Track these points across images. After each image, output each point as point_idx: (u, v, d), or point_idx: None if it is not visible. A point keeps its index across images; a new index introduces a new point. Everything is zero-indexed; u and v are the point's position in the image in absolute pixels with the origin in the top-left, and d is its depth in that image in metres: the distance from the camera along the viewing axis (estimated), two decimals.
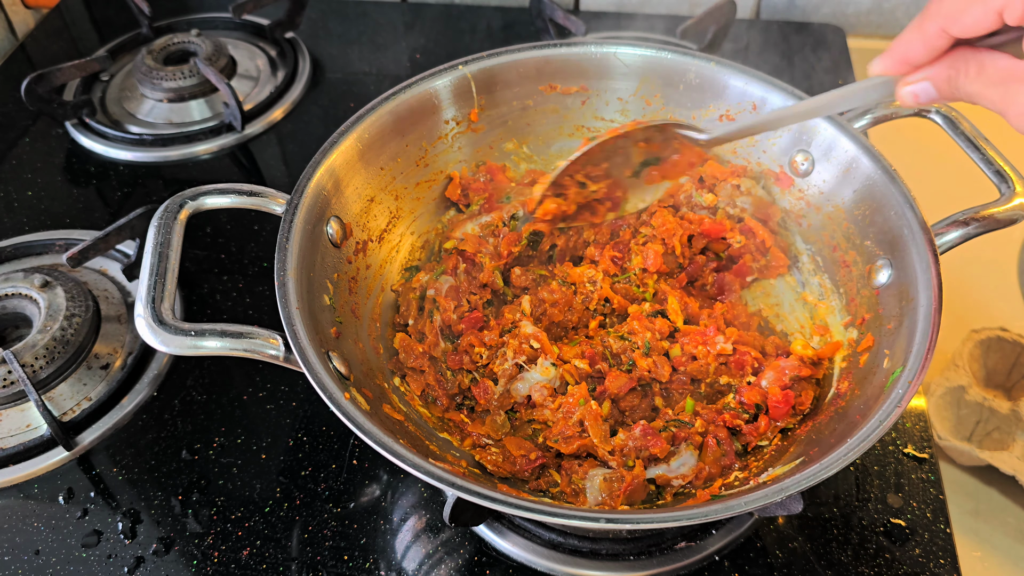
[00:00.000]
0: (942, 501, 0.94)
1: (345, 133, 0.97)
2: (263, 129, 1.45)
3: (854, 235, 0.97)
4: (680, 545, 0.91)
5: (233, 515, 0.95)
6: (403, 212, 1.06)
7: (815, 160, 1.02)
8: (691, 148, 0.92)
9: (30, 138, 1.45)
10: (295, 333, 0.78)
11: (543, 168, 1.15)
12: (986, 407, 1.09)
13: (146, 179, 1.38)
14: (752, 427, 0.89)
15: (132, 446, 1.02)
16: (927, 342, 0.78)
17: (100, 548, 0.93)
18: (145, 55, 1.50)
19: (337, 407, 0.74)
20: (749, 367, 0.93)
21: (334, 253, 0.94)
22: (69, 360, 1.06)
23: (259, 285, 1.19)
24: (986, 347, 1.14)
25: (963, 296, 1.23)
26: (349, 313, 0.93)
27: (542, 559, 0.90)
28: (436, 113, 1.08)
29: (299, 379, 1.05)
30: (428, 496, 0.97)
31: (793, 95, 1.02)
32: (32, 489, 0.98)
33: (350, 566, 0.91)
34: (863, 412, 0.78)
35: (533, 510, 0.69)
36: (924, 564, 0.90)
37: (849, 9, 1.64)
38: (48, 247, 1.24)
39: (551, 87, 1.12)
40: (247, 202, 0.89)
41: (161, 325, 0.75)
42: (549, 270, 1.05)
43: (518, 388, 0.93)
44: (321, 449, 1.01)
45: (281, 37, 1.60)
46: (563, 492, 0.87)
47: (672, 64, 1.09)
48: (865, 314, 0.93)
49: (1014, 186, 0.89)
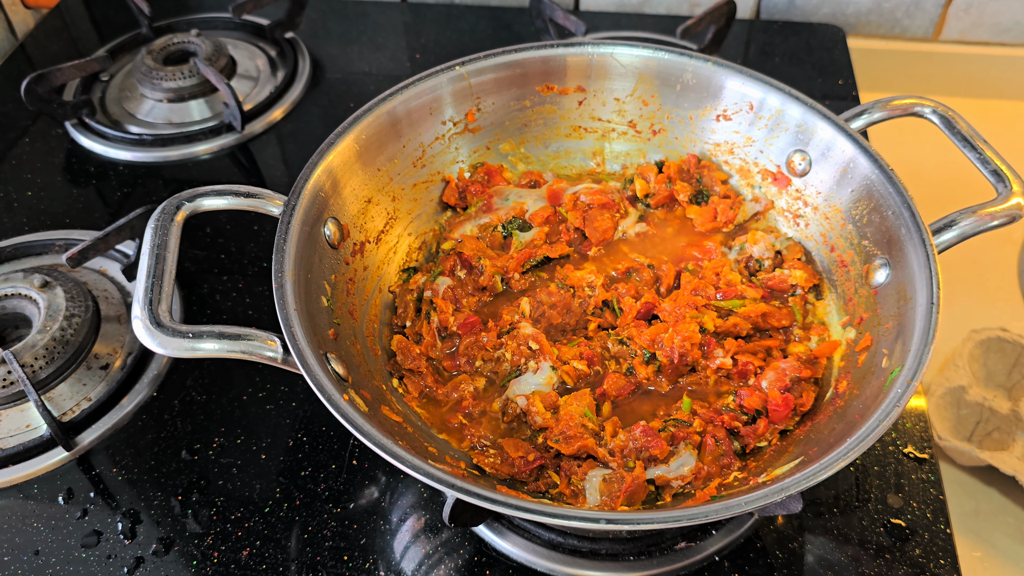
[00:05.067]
0: (942, 501, 0.94)
1: (342, 134, 0.97)
2: (263, 129, 1.45)
3: (852, 235, 0.97)
4: (680, 545, 0.91)
5: (233, 515, 0.95)
6: (400, 213, 1.06)
7: (813, 160, 1.02)
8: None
9: (30, 138, 1.45)
10: (293, 335, 0.78)
11: (540, 169, 1.16)
12: (986, 407, 1.09)
13: (146, 179, 1.38)
14: (751, 429, 0.89)
15: (132, 446, 1.02)
16: (926, 341, 0.78)
17: (100, 548, 0.93)
18: (145, 55, 1.50)
19: (336, 409, 0.74)
20: (751, 375, 0.93)
21: (332, 254, 0.94)
22: (69, 360, 1.06)
23: (259, 285, 1.19)
24: (986, 347, 1.14)
25: (963, 296, 1.24)
26: (347, 314, 0.93)
27: (542, 559, 0.90)
28: (434, 114, 1.08)
29: (299, 379, 1.05)
30: (427, 497, 0.97)
31: (791, 95, 1.02)
32: (32, 489, 0.98)
33: (350, 566, 0.91)
34: (862, 412, 0.78)
35: (533, 511, 0.69)
36: (924, 564, 0.89)
37: (849, 9, 1.64)
38: (48, 247, 1.24)
39: (548, 87, 1.12)
40: (244, 203, 0.89)
41: (158, 327, 0.75)
42: (548, 272, 1.05)
43: (518, 402, 0.92)
44: (321, 449, 1.01)
45: (281, 37, 1.60)
46: (562, 493, 0.87)
47: (669, 64, 1.09)
48: (863, 314, 0.93)
49: (1011, 185, 0.89)
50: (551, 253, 1.06)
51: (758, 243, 1.04)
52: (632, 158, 1.16)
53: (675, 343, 0.93)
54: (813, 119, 1.01)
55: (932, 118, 0.98)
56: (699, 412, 0.90)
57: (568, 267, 1.04)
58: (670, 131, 1.13)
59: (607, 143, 1.16)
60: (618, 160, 1.17)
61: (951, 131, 0.96)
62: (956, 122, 0.96)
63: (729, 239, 1.08)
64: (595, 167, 1.17)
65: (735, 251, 1.05)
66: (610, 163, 1.17)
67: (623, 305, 0.99)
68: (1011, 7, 1.58)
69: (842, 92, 1.50)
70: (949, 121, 0.96)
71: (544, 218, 1.09)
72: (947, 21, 1.62)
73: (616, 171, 1.17)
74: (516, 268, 1.04)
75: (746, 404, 0.90)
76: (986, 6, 1.59)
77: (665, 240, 1.10)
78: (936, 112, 0.98)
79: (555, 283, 1.02)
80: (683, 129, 1.13)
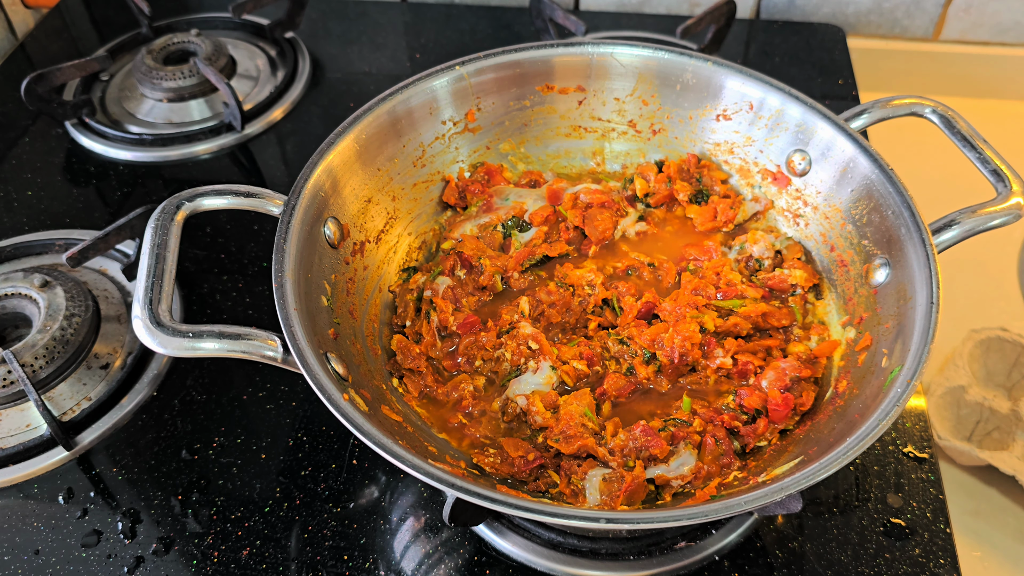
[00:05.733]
0: (942, 501, 0.94)
1: (342, 133, 0.97)
2: (263, 129, 1.45)
3: (851, 234, 0.97)
4: (680, 545, 0.91)
5: (233, 515, 0.95)
6: (400, 213, 1.06)
7: (812, 160, 1.02)
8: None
9: (30, 138, 1.45)
10: (293, 335, 0.78)
11: (540, 169, 1.16)
12: (986, 407, 1.09)
13: (146, 179, 1.38)
14: (750, 428, 0.89)
15: (132, 446, 1.02)
16: (925, 341, 0.78)
17: (100, 548, 0.93)
18: (145, 55, 1.50)
19: (336, 408, 0.74)
20: (751, 375, 0.93)
21: (332, 254, 0.94)
22: (69, 360, 1.06)
23: (259, 285, 1.19)
24: (986, 347, 1.14)
25: (963, 296, 1.24)
26: (347, 314, 0.93)
27: (542, 559, 0.90)
28: (434, 113, 1.08)
29: (299, 379, 1.04)
30: (427, 496, 0.97)
31: (791, 95, 1.02)
32: (32, 489, 0.98)
33: (350, 566, 0.91)
34: (862, 411, 0.78)
35: (533, 510, 0.69)
36: (924, 564, 0.90)
37: (849, 9, 1.64)
38: (48, 247, 1.24)
39: (548, 87, 1.12)
40: (244, 203, 0.89)
41: (158, 327, 0.75)
42: (547, 271, 1.05)
43: (518, 401, 0.92)
44: (321, 449, 1.01)
45: (281, 37, 1.60)
46: (562, 493, 0.87)
47: (669, 64, 1.09)
48: (863, 313, 0.93)
49: (1011, 185, 0.89)
50: (550, 252, 1.07)
51: (758, 243, 1.04)
52: (632, 158, 1.16)
53: (675, 343, 0.93)
54: (813, 119, 1.01)
55: (932, 118, 0.98)
56: (699, 412, 0.90)
57: (568, 266, 1.04)
58: (670, 131, 1.13)
59: (607, 143, 1.16)
60: (618, 160, 1.17)
61: (951, 131, 0.96)
62: (956, 122, 0.96)
63: (729, 239, 1.08)
64: (595, 167, 1.17)
65: (735, 251, 1.05)
66: (610, 163, 1.17)
67: (623, 304, 0.99)
68: (1011, 7, 1.58)
69: (842, 92, 1.50)
70: (949, 121, 0.96)
71: (544, 218, 1.09)
72: (947, 21, 1.63)
73: (616, 171, 1.17)
74: (515, 267, 1.04)
75: (746, 404, 0.90)
76: (986, 6, 1.59)
77: (665, 240, 1.10)
78: (936, 112, 0.98)
79: (554, 282, 1.02)
80: (683, 129, 1.13)
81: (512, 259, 1.05)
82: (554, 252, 1.07)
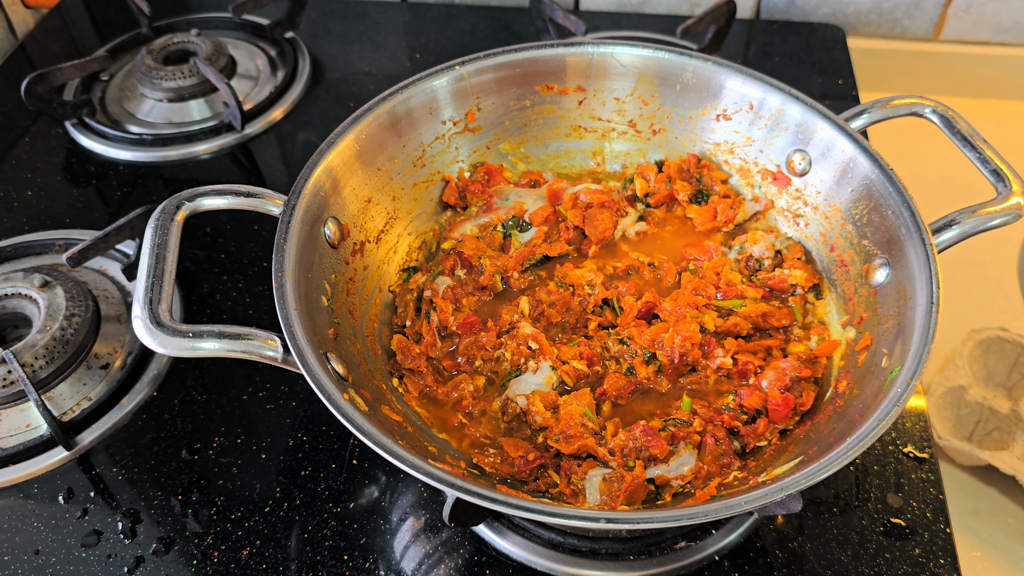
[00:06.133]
0: (942, 501, 0.94)
1: (342, 133, 0.97)
2: (263, 129, 1.45)
3: (851, 234, 0.97)
4: (680, 545, 0.91)
5: (233, 515, 0.95)
6: (400, 213, 1.06)
7: (812, 160, 1.02)
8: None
9: (30, 138, 1.45)
10: (293, 335, 0.78)
11: (540, 169, 1.16)
12: (986, 407, 1.09)
13: (146, 179, 1.38)
14: (750, 428, 0.89)
15: (132, 446, 1.02)
16: (925, 341, 0.78)
17: (100, 548, 0.93)
18: (145, 55, 1.50)
19: (336, 408, 0.74)
20: (751, 375, 0.93)
21: (332, 254, 0.94)
22: (69, 360, 1.06)
23: (259, 285, 1.19)
24: (986, 347, 1.14)
25: (963, 296, 1.23)
26: (347, 314, 0.93)
27: (542, 559, 0.90)
28: (434, 113, 1.08)
29: (299, 379, 1.04)
30: (428, 496, 0.97)
31: (791, 95, 1.02)
32: (32, 489, 0.98)
33: (350, 566, 0.91)
34: (862, 411, 0.78)
35: (533, 510, 0.69)
36: (924, 564, 0.90)
37: (849, 9, 1.64)
38: (48, 247, 1.24)
39: (548, 87, 1.12)
40: (244, 203, 0.89)
41: (158, 327, 0.75)
42: (547, 271, 1.05)
43: (518, 401, 0.92)
44: (321, 449, 1.01)
45: (281, 37, 1.60)
46: (562, 493, 0.87)
47: (669, 64, 1.09)
48: (863, 313, 0.93)
49: (1011, 185, 0.89)
50: (550, 252, 1.07)
51: (758, 243, 1.04)
52: (632, 158, 1.16)
53: (675, 343, 0.93)
54: (813, 119, 1.01)
55: (932, 118, 0.98)
56: (699, 412, 0.90)
57: (568, 265, 1.04)
58: (670, 131, 1.13)
59: (607, 143, 1.16)
60: (618, 160, 1.17)
61: (951, 131, 0.96)
62: (956, 122, 0.96)
63: (729, 239, 1.08)
64: (595, 167, 1.17)
65: (735, 251, 1.05)
66: (610, 163, 1.17)
67: (623, 304, 0.99)
68: (1011, 7, 1.58)
69: (842, 92, 1.50)
70: (949, 121, 0.96)
71: (544, 218, 1.09)
72: (947, 21, 1.63)
73: (616, 171, 1.17)
74: (515, 267, 1.04)
75: (746, 404, 0.90)
76: (986, 6, 1.59)
77: (665, 239, 1.10)
78: (936, 112, 0.98)
79: (554, 282, 1.02)
80: (683, 129, 1.13)
81: (512, 259, 1.05)
82: (554, 252, 1.07)
